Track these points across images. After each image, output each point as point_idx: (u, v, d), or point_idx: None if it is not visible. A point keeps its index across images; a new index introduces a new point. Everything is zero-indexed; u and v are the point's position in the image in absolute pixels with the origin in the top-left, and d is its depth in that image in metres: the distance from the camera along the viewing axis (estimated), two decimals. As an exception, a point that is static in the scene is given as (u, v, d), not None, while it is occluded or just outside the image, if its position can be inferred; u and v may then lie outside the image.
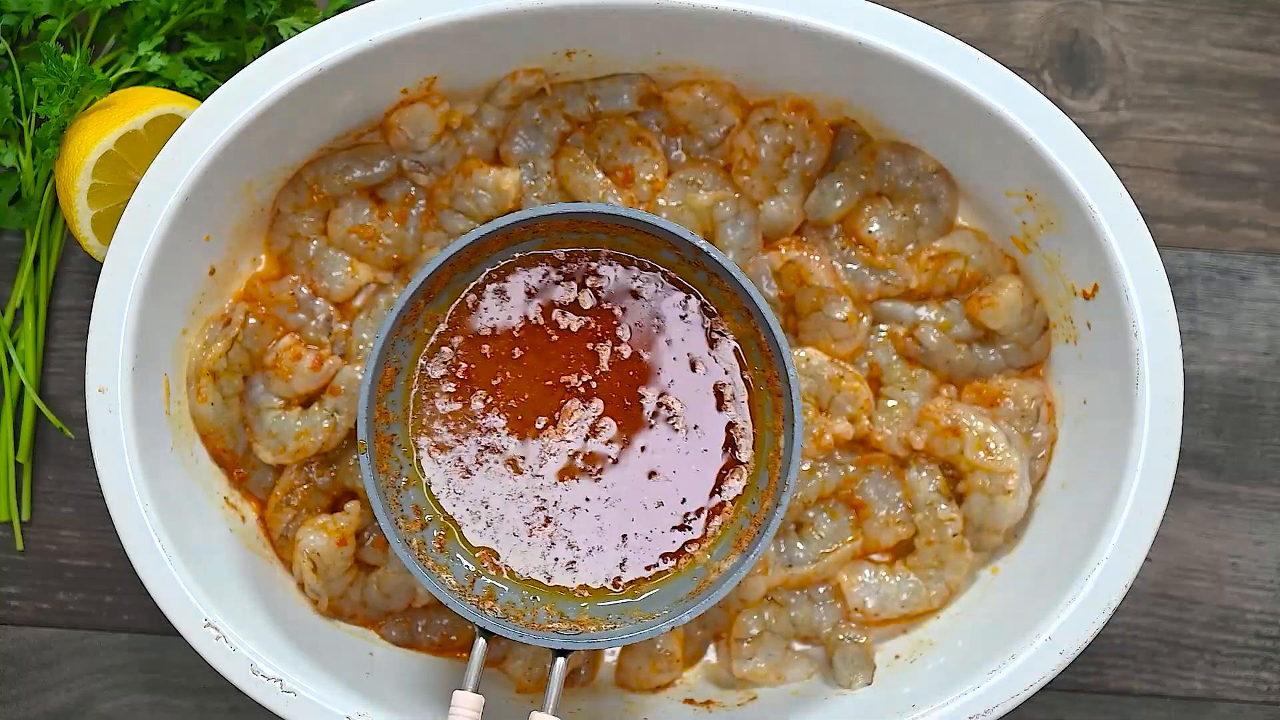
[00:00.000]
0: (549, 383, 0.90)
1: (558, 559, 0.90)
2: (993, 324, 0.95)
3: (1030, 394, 0.95)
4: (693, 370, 0.91)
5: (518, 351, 0.91)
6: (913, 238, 0.97)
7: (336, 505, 0.96)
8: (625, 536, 0.90)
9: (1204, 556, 1.02)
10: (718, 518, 0.90)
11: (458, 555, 0.90)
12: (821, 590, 0.96)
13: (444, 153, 0.96)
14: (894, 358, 0.97)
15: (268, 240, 0.98)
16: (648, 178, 0.96)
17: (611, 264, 0.91)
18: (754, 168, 0.96)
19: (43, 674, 1.02)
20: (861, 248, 0.97)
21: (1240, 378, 1.03)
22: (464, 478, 0.91)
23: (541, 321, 0.91)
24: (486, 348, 0.91)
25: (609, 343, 0.91)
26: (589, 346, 0.91)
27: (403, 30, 0.88)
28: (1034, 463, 0.95)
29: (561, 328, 0.91)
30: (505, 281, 0.91)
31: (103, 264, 0.88)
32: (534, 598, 0.90)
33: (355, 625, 0.96)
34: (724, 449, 0.90)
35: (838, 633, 0.95)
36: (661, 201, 0.96)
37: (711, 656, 0.98)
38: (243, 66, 0.90)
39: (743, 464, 0.90)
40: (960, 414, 0.94)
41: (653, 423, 0.90)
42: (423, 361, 0.91)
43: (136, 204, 0.88)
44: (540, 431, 0.90)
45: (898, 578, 0.96)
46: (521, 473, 0.90)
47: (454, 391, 0.90)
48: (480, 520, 0.91)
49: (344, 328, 0.97)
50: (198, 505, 0.93)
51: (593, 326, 0.91)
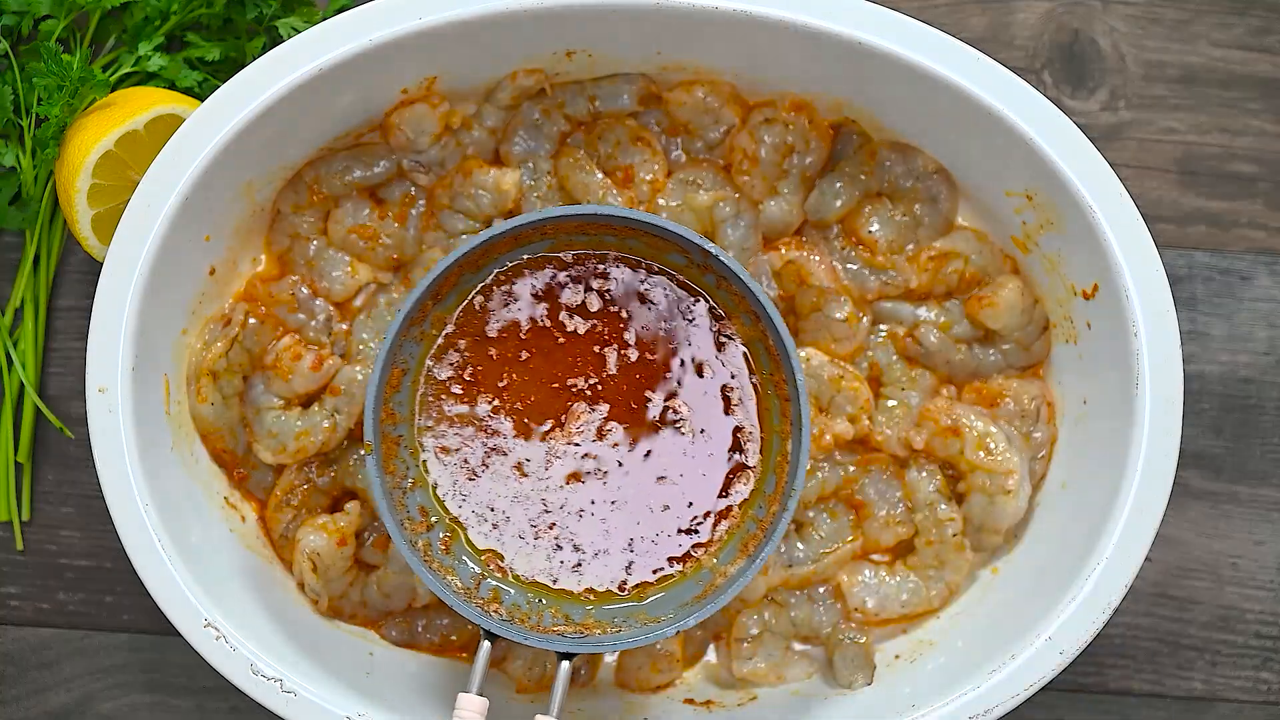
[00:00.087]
0: (555, 385, 0.90)
1: (563, 562, 0.90)
2: (993, 324, 0.95)
3: (1030, 394, 0.95)
4: (700, 374, 0.90)
5: (524, 354, 0.90)
6: (913, 238, 0.97)
7: (336, 505, 0.96)
8: (631, 540, 0.90)
9: (1204, 556, 1.02)
10: (724, 522, 0.90)
11: (463, 557, 0.90)
12: (821, 590, 0.96)
13: (444, 153, 0.96)
14: (894, 358, 0.97)
15: (268, 240, 0.98)
16: (648, 178, 0.96)
17: (619, 267, 0.91)
18: (754, 168, 0.96)
19: (43, 674, 1.02)
20: (861, 248, 0.97)
21: (1240, 378, 1.03)
22: (470, 480, 0.90)
23: (548, 324, 0.91)
24: (493, 350, 0.90)
25: (616, 346, 0.91)
26: (596, 349, 0.91)
27: (403, 30, 0.88)
28: (1034, 463, 0.95)
29: (568, 330, 0.91)
30: (513, 284, 0.91)
31: (103, 264, 0.88)
32: (539, 600, 0.89)
33: (355, 625, 0.96)
34: (731, 453, 0.90)
35: (838, 633, 0.95)
36: (661, 201, 0.96)
37: (711, 656, 0.98)
38: (243, 66, 0.90)
39: (749, 468, 0.90)
40: (960, 414, 0.94)
41: (659, 426, 0.90)
42: (429, 363, 0.90)
43: (136, 204, 0.88)
44: (547, 434, 0.90)
45: (898, 578, 0.96)
46: (527, 475, 0.90)
47: (461, 393, 0.90)
48: (486, 522, 0.90)
49: (344, 328, 0.97)
50: (198, 505, 0.93)
51: (600, 329, 0.91)
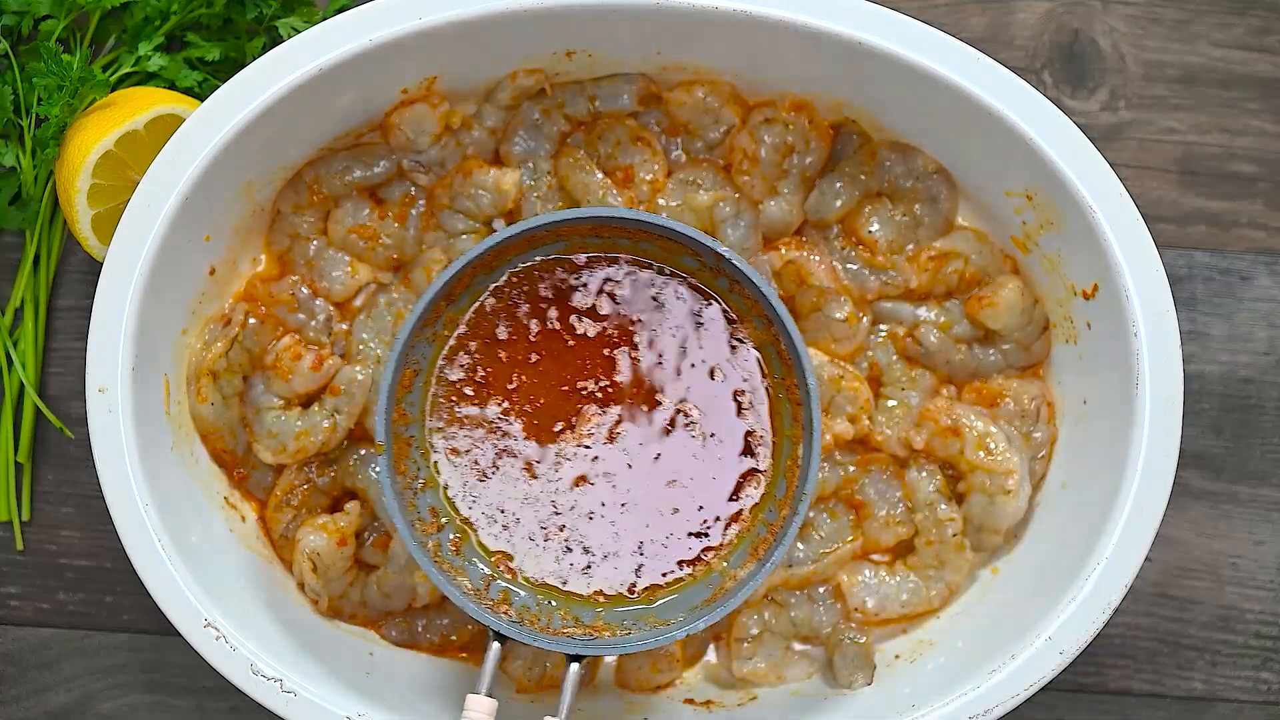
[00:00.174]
0: (567, 387, 0.90)
1: (573, 564, 0.90)
2: (993, 324, 0.95)
3: (1030, 394, 0.95)
4: (712, 377, 0.90)
5: (536, 356, 0.90)
6: (913, 238, 0.97)
7: (336, 505, 0.96)
8: (641, 543, 0.90)
9: (1204, 556, 1.02)
10: (735, 525, 0.90)
11: (473, 558, 0.90)
12: (821, 590, 0.96)
13: (444, 153, 0.96)
14: (894, 358, 0.97)
15: (268, 240, 0.98)
16: (648, 178, 0.96)
17: (632, 269, 0.91)
18: (754, 168, 0.96)
19: (43, 674, 1.02)
20: (861, 248, 0.97)
21: (1240, 378, 1.03)
22: (480, 481, 0.90)
23: (561, 326, 0.91)
24: (504, 352, 0.90)
25: (628, 348, 0.90)
26: (608, 352, 0.90)
27: (403, 30, 0.88)
28: (1034, 463, 0.95)
29: (580, 333, 0.91)
30: (526, 285, 0.91)
31: (103, 264, 0.88)
32: (549, 602, 0.89)
33: (355, 625, 0.96)
34: (742, 456, 0.90)
35: (838, 633, 0.95)
36: (661, 201, 0.96)
37: (711, 656, 0.98)
38: (243, 66, 0.89)
39: (760, 472, 0.90)
40: (960, 414, 0.94)
41: (670, 429, 0.90)
42: (441, 364, 0.90)
43: (136, 204, 0.88)
44: (557, 436, 0.90)
45: (898, 578, 0.96)
46: (538, 477, 0.90)
47: (472, 394, 0.90)
48: (496, 524, 0.90)
49: (344, 328, 0.97)
50: (198, 505, 0.93)
51: (612, 332, 0.91)
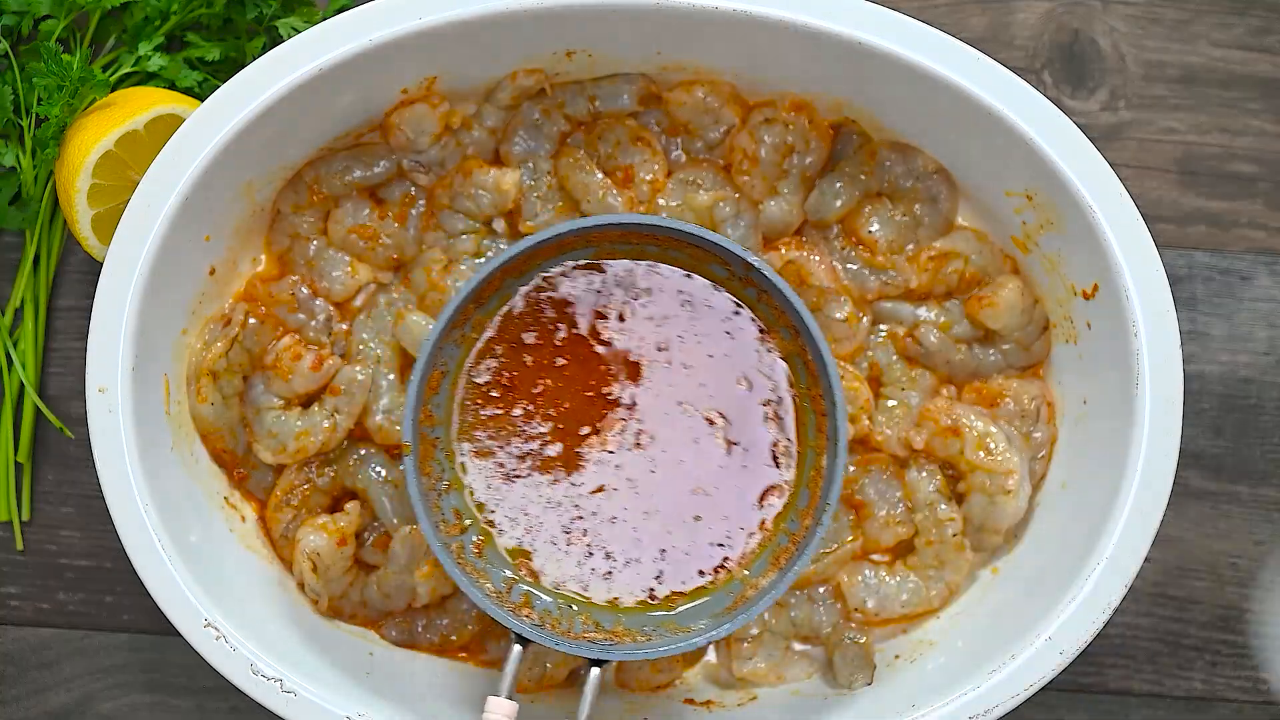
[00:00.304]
0: (592, 393, 0.90)
1: (594, 569, 0.90)
2: (993, 324, 0.95)
3: (1030, 394, 0.95)
4: (738, 386, 0.90)
5: (563, 360, 0.90)
6: (913, 238, 0.97)
7: (336, 505, 0.96)
8: (663, 550, 0.90)
9: (1204, 556, 1.02)
10: (757, 534, 0.90)
11: (495, 561, 0.90)
12: (821, 590, 0.96)
13: (444, 153, 0.96)
14: (894, 358, 0.97)
15: (268, 240, 0.98)
16: (648, 178, 0.96)
17: (658, 277, 0.90)
18: (754, 168, 0.96)
19: (43, 674, 1.02)
20: (861, 248, 0.97)
21: (1240, 378, 1.03)
22: (504, 484, 0.90)
23: (588, 332, 0.91)
24: (531, 356, 0.90)
25: (653, 355, 0.90)
26: (635, 358, 0.91)
27: (403, 30, 0.88)
28: (1034, 463, 0.95)
29: (608, 338, 0.91)
30: (554, 290, 0.91)
31: (103, 264, 0.88)
32: (570, 607, 0.89)
33: (355, 625, 0.96)
34: (765, 466, 0.90)
35: (838, 633, 0.95)
36: (661, 201, 0.96)
37: (711, 656, 0.97)
38: (243, 66, 0.89)
39: (784, 482, 0.90)
40: (960, 414, 0.94)
41: (695, 437, 0.90)
42: (469, 366, 0.90)
43: (136, 204, 0.88)
44: (582, 441, 0.90)
45: (898, 578, 0.95)
46: (561, 481, 0.90)
47: (499, 397, 0.90)
48: (519, 527, 0.90)
49: (344, 328, 0.97)
50: (198, 505, 0.93)
51: (637, 339, 0.91)
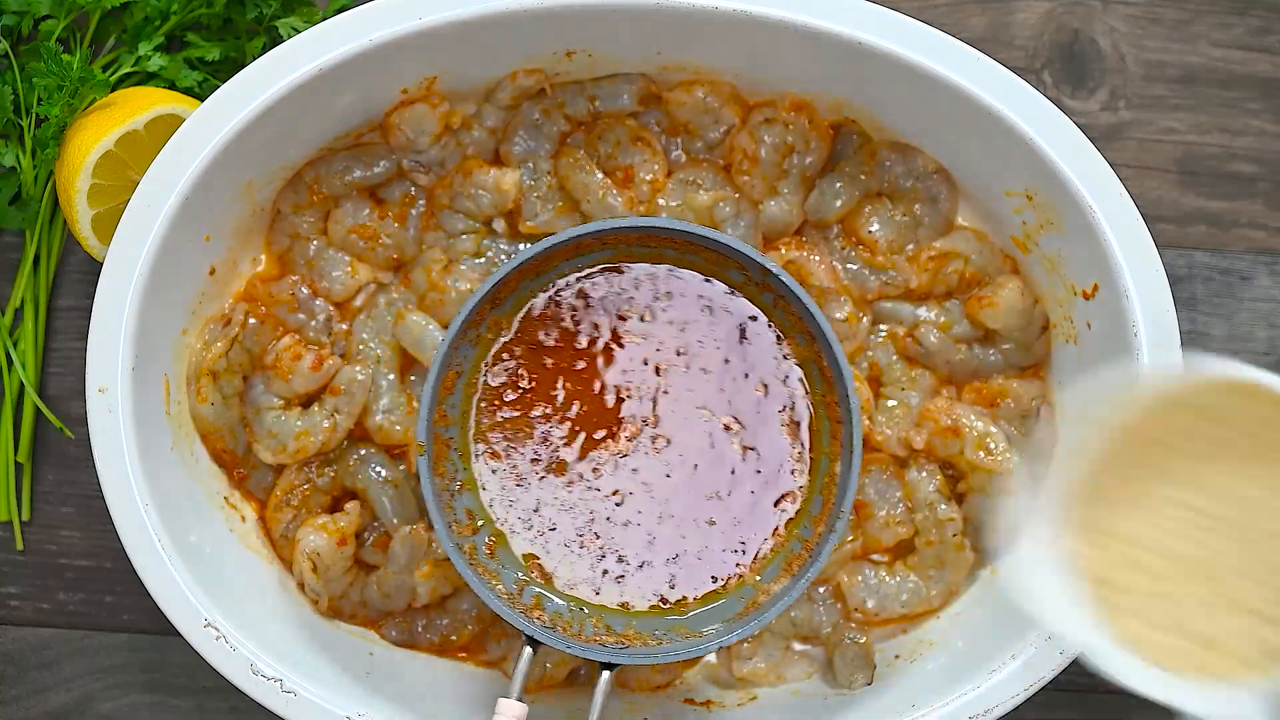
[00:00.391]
0: (609, 396, 0.90)
1: (606, 571, 0.90)
2: (993, 324, 0.95)
3: (1030, 394, 0.95)
4: (754, 392, 0.90)
5: (579, 363, 0.90)
6: (913, 238, 0.97)
7: (336, 505, 0.96)
8: (676, 554, 0.90)
9: None
10: (770, 540, 0.90)
11: (508, 563, 0.90)
12: (821, 590, 0.96)
13: (444, 153, 0.96)
14: (894, 358, 0.97)
15: (268, 240, 0.98)
16: (648, 178, 0.96)
17: (677, 281, 0.91)
18: (754, 168, 0.96)
19: (43, 674, 1.02)
20: (861, 248, 0.97)
21: (1240, 378, 1.03)
22: (518, 486, 0.90)
23: (604, 335, 0.91)
24: (548, 358, 0.90)
25: (670, 359, 0.91)
26: (650, 362, 0.91)
27: (403, 30, 0.88)
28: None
29: (625, 341, 0.91)
30: (570, 292, 0.91)
31: (103, 264, 0.88)
32: (581, 609, 0.89)
33: (355, 625, 0.96)
34: (780, 472, 0.90)
35: (838, 633, 0.95)
36: (661, 201, 0.96)
37: (712, 657, 0.97)
38: (243, 66, 0.89)
39: (798, 488, 0.90)
40: (960, 414, 0.94)
41: (711, 442, 0.90)
42: (484, 367, 0.90)
43: (136, 204, 0.88)
44: (598, 444, 0.90)
45: (898, 578, 0.95)
46: (576, 484, 0.90)
47: (514, 399, 0.90)
48: (532, 529, 0.90)
49: (344, 328, 0.97)
50: (198, 505, 0.93)
51: (654, 343, 0.91)
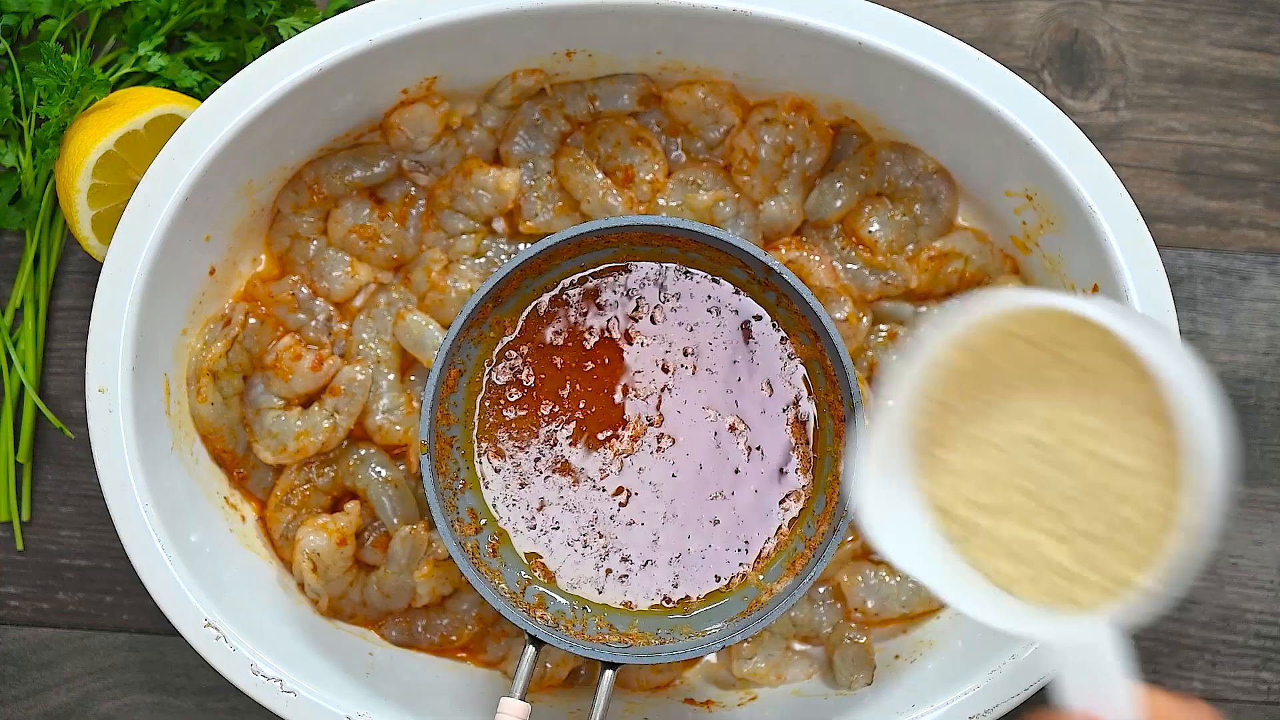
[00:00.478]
0: (614, 395, 0.90)
1: (610, 570, 0.90)
2: (993, 324, 0.95)
3: (1030, 394, 0.95)
4: (758, 391, 0.90)
5: (583, 362, 0.90)
6: (913, 238, 0.97)
7: (336, 505, 0.96)
8: (680, 554, 0.90)
9: (1204, 556, 1.02)
10: (773, 539, 0.90)
11: (510, 561, 0.90)
12: (821, 590, 0.96)
13: (444, 153, 0.96)
14: (894, 358, 0.97)
15: (268, 240, 0.98)
16: (648, 178, 0.96)
17: (682, 280, 0.91)
18: (754, 168, 0.96)
19: (43, 674, 1.02)
20: (861, 248, 0.97)
21: (1240, 378, 1.03)
22: (521, 485, 0.91)
23: (609, 334, 0.91)
24: (551, 357, 0.91)
25: (676, 359, 0.91)
26: (656, 361, 0.91)
27: (403, 30, 0.88)
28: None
29: (629, 342, 0.91)
30: (575, 291, 0.91)
31: (103, 264, 0.88)
32: (584, 608, 0.89)
33: (355, 625, 0.96)
34: (784, 471, 0.90)
35: (838, 633, 0.95)
36: (661, 201, 0.96)
37: (712, 657, 0.97)
38: (243, 66, 0.89)
39: (801, 487, 0.90)
40: (960, 414, 0.94)
41: (716, 441, 0.90)
42: (487, 366, 0.90)
43: (136, 204, 0.88)
44: (602, 444, 0.90)
45: (898, 578, 0.95)
46: (580, 483, 0.90)
47: (517, 398, 0.90)
48: (535, 528, 0.90)
49: (344, 328, 0.97)
50: (198, 505, 0.93)
51: (660, 342, 0.91)
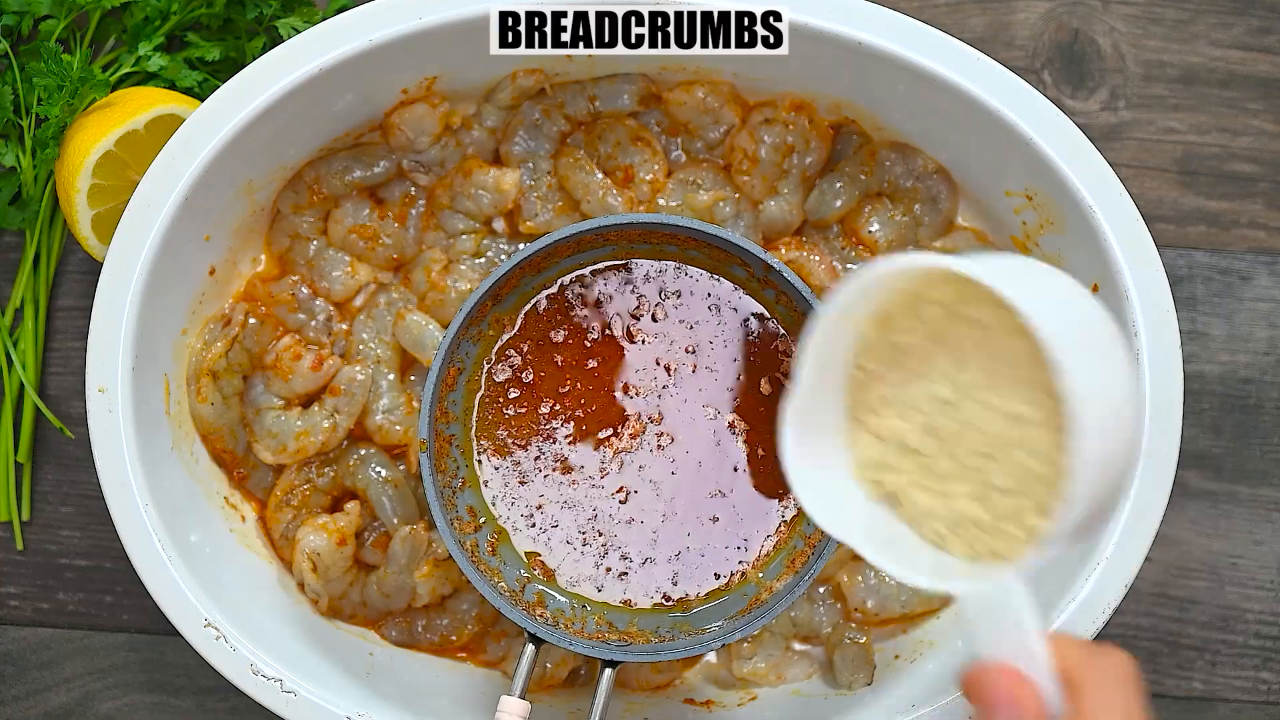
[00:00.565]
0: (614, 393, 0.90)
1: (609, 569, 0.90)
2: (993, 324, 0.95)
3: (1030, 394, 0.95)
4: (757, 389, 0.90)
5: (583, 360, 0.90)
6: (913, 238, 0.97)
7: (336, 505, 0.96)
8: (679, 552, 0.90)
9: (1204, 556, 1.02)
10: (773, 537, 0.90)
11: (510, 559, 0.90)
12: (821, 590, 0.96)
13: (444, 153, 0.96)
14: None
15: (268, 240, 0.98)
16: (648, 178, 0.96)
17: (682, 277, 0.91)
18: (754, 168, 0.96)
19: (43, 674, 1.02)
20: (862, 248, 0.97)
21: (1240, 378, 1.03)
22: (521, 483, 0.91)
23: (609, 332, 0.91)
24: (551, 355, 0.91)
25: (676, 357, 0.91)
26: (656, 360, 0.91)
27: (403, 30, 0.88)
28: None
29: (629, 339, 0.91)
30: (574, 289, 0.91)
31: (103, 264, 0.88)
32: (583, 607, 0.90)
33: (355, 625, 0.96)
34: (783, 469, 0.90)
35: (838, 633, 0.95)
36: (661, 201, 0.96)
37: (712, 656, 0.97)
38: (243, 66, 0.89)
39: None
40: (960, 414, 0.94)
41: (716, 439, 0.90)
42: (487, 364, 0.90)
43: (136, 204, 0.88)
44: (602, 442, 0.90)
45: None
46: (579, 482, 0.90)
47: (517, 396, 0.90)
48: (534, 526, 0.91)
49: (344, 328, 0.97)
50: (198, 505, 0.93)
51: (661, 340, 0.91)
